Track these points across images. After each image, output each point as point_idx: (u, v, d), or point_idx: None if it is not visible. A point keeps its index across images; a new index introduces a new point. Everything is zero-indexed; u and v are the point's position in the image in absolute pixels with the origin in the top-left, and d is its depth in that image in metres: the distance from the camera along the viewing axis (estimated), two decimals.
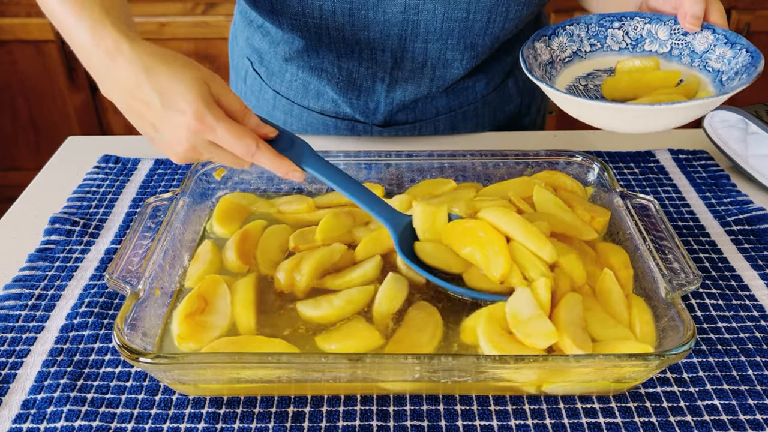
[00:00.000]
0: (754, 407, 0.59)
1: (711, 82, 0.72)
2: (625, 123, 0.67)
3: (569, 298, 0.62)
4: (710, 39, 0.73)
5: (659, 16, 0.75)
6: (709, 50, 0.73)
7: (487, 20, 0.82)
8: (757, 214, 0.82)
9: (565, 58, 0.77)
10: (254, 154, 0.62)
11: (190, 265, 0.70)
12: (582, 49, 0.77)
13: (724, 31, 0.72)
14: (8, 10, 1.93)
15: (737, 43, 0.71)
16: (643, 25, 0.76)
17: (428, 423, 0.58)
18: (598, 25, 0.77)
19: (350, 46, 0.86)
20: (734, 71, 0.70)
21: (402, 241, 0.67)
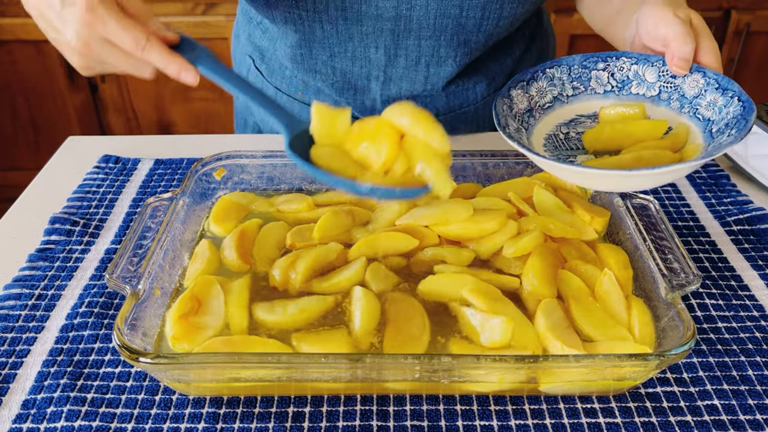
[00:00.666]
0: (754, 407, 0.59)
1: (701, 132, 0.67)
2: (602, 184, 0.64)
3: (544, 305, 0.63)
4: (701, 83, 0.68)
5: (647, 57, 0.71)
6: (700, 95, 0.68)
7: (481, 17, 0.82)
8: (757, 214, 0.82)
9: (545, 104, 0.72)
10: (144, 47, 0.59)
11: (188, 265, 0.70)
12: (564, 94, 0.73)
13: (716, 75, 0.67)
14: (8, 10, 1.93)
15: (729, 90, 0.66)
16: (630, 66, 0.72)
17: (428, 423, 0.58)
18: (581, 66, 0.72)
19: (343, 42, 0.86)
20: (725, 122, 0.65)
21: (295, 144, 0.62)
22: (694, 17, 0.68)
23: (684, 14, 0.68)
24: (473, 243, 0.72)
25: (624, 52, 0.72)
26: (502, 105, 0.69)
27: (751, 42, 1.99)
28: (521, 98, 0.71)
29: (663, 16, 0.67)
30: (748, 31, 1.95)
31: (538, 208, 0.76)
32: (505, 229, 0.72)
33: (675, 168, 0.58)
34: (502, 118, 0.67)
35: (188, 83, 0.62)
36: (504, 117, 0.68)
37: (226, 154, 0.80)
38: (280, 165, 0.82)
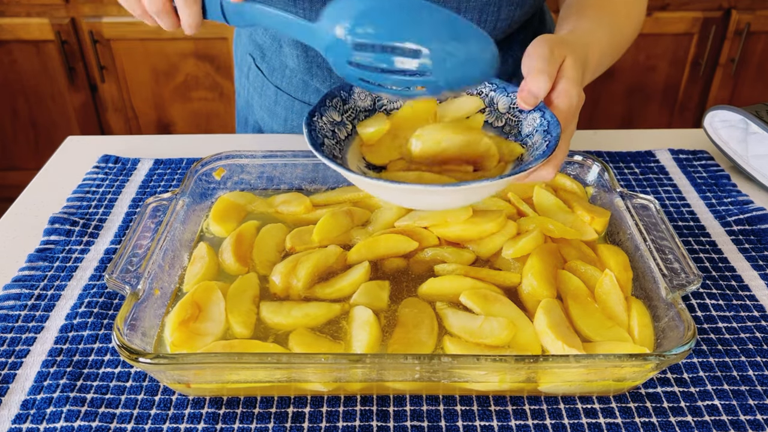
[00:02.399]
0: (755, 407, 0.59)
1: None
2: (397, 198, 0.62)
3: (544, 304, 0.62)
4: (536, 122, 0.65)
5: (506, 86, 0.69)
6: (530, 135, 0.66)
7: (478, 20, 0.82)
8: (758, 214, 0.82)
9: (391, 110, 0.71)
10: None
11: (187, 269, 0.69)
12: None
13: (552, 118, 0.63)
14: (8, 10, 1.93)
15: (549, 134, 0.62)
16: (489, 91, 0.70)
17: (428, 423, 0.58)
18: None
19: None
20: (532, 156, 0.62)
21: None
22: (568, 60, 0.64)
23: (559, 53, 0.64)
24: (473, 244, 0.72)
25: (494, 79, 0.70)
26: (334, 96, 0.68)
27: (751, 42, 1.99)
28: (364, 97, 0.70)
29: (539, 49, 0.64)
30: (748, 31, 1.95)
31: (538, 209, 0.76)
32: (504, 230, 0.72)
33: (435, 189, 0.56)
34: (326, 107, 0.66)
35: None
36: (328, 107, 0.66)
37: (226, 153, 0.80)
38: (280, 165, 0.81)
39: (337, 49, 0.57)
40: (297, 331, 0.62)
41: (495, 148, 0.66)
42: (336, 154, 0.65)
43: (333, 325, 0.63)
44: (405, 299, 0.66)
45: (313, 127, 0.64)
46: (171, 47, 1.99)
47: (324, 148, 0.63)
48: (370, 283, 0.67)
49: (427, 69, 0.56)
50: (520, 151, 0.66)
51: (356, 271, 0.68)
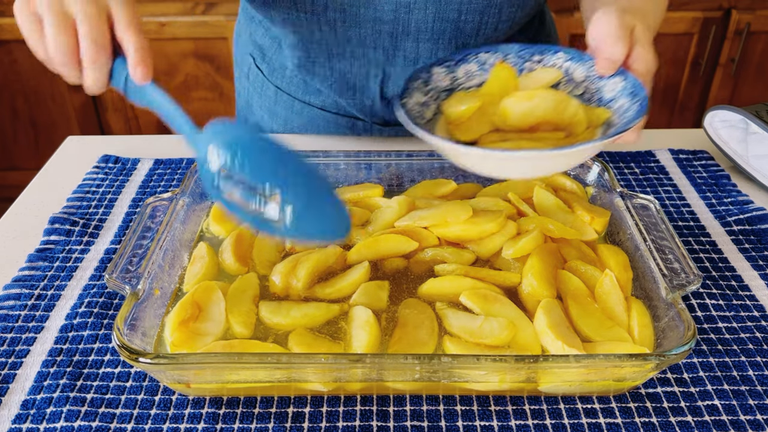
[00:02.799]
0: (755, 407, 0.59)
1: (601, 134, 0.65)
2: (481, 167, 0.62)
3: (545, 304, 0.62)
4: (619, 86, 0.66)
5: (581, 55, 0.69)
6: (614, 99, 0.66)
7: (479, 21, 0.82)
8: (758, 214, 0.82)
9: (470, 87, 0.71)
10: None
11: (187, 269, 0.69)
12: None
13: (634, 81, 0.64)
14: (8, 10, 1.93)
15: (637, 95, 0.63)
16: (563, 62, 0.70)
17: (428, 423, 0.58)
18: (517, 56, 0.70)
19: (342, 44, 0.86)
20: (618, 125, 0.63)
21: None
22: (638, 27, 0.66)
23: (629, 22, 0.66)
24: (473, 244, 0.71)
25: (562, 48, 0.70)
26: (417, 78, 0.68)
27: (751, 42, 1.99)
28: (443, 76, 0.70)
29: (607, 17, 0.65)
30: (748, 31, 1.95)
31: (538, 209, 0.76)
32: (504, 230, 0.72)
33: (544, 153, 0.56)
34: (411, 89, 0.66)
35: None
36: (412, 89, 0.67)
37: None
38: None
39: (206, 165, 0.59)
40: (296, 331, 0.62)
41: (583, 112, 0.66)
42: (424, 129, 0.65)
43: (332, 326, 0.63)
44: (405, 300, 0.66)
45: (406, 109, 0.65)
46: (171, 47, 1.99)
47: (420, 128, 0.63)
48: (370, 283, 0.67)
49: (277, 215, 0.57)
50: (607, 115, 0.66)
51: (356, 271, 0.68)
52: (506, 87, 0.69)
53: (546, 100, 0.66)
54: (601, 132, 0.65)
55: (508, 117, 0.67)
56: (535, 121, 0.66)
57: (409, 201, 0.76)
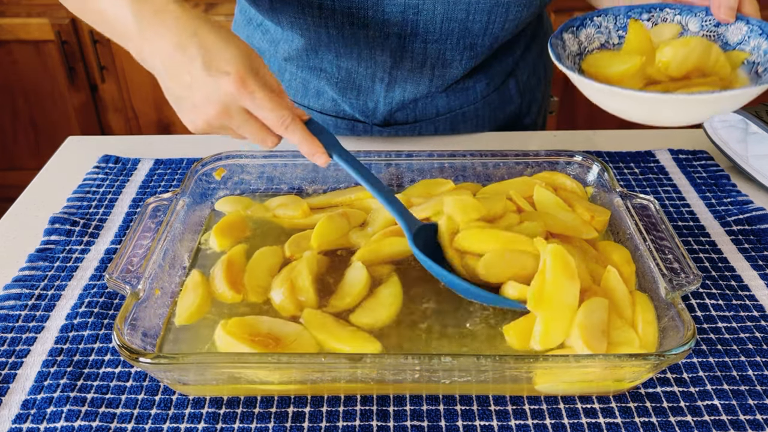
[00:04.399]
0: (755, 407, 0.59)
1: (746, 73, 0.69)
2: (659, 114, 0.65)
3: (592, 302, 0.62)
4: (744, 30, 0.70)
5: (690, 7, 0.73)
6: (743, 41, 0.70)
7: (487, 21, 0.82)
8: (758, 214, 0.82)
9: (593, 49, 0.74)
10: (288, 126, 0.62)
11: (179, 300, 0.66)
12: (610, 41, 0.75)
13: (759, 22, 0.69)
14: (8, 10, 1.93)
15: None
16: (673, 16, 0.73)
17: (428, 423, 0.58)
18: (626, 16, 0.74)
19: (349, 45, 0.86)
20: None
21: (417, 240, 0.67)
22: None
23: None
24: None
25: (667, 3, 0.74)
26: (557, 45, 0.71)
27: None
28: (572, 41, 0.73)
29: None
30: None
31: (538, 207, 0.76)
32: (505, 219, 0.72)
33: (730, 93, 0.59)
34: (558, 53, 0.69)
35: (319, 164, 0.66)
36: (559, 53, 0.69)
37: (226, 154, 0.80)
38: (280, 165, 0.82)
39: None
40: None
41: (724, 56, 0.68)
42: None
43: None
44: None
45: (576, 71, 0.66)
46: None
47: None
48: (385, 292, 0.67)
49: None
50: (745, 55, 0.69)
51: (357, 272, 0.68)
52: (645, 41, 0.71)
53: (699, 45, 0.68)
54: (744, 71, 0.68)
55: (668, 66, 0.68)
56: (690, 67, 0.68)
57: (405, 200, 0.76)
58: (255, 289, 0.67)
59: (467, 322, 0.63)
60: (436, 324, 0.64)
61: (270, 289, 0.67)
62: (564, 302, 0.60)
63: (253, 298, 0.66)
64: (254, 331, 0.61)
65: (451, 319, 0.64)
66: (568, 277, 0.61)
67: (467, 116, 0.98)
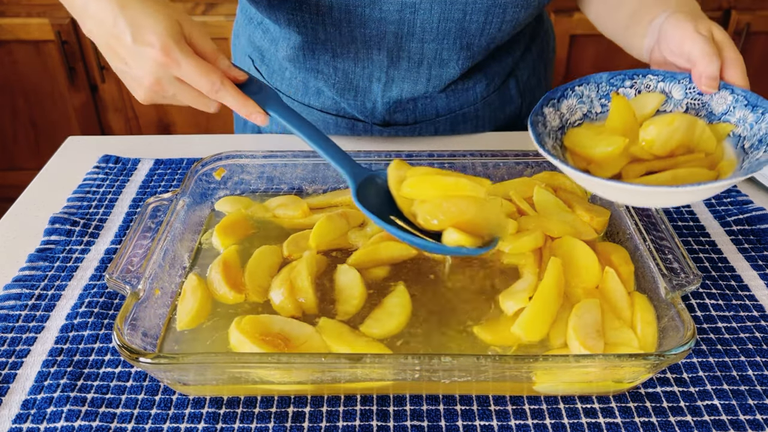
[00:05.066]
0: (754, 407, 0.59)
1: (732, 147, 0.67)
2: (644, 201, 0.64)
3: (583, 304, 0.62)
4: (729, 100, 0.68)
5: (673, 74, 0.71)
6: (728, 112, 0.68)
7: (484, 21, 0.82)
8: (757, 214, 0.82)
9: (575, 121, 0.72)
10: (218, 90, 0.63)
11: (178, 304, 0.65)
12: (593, 110, 0.73)
13: (744, 92, 0.67)
14: (8, 10, 1.93)
15: (759, 106, 0.66)
16: (656, 83, 0.72)
17: (428, 423, 0.58)
18: (609, 84, 0.72)
19: (346, 44, 0.86)
20: (758, 138, 0.64)
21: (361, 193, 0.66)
22: (715, 31, 0.68)
23: (706, 29, 0.68)
24: None
25: (650, 70, 0.72)
26: (537, 123, 0.69)
27: (751, 42, 1.99)
28: (553, 116, 0.71)
29: (687, 33, 0.67)
30: (748, 31, 1.95)
31: (538, 208, 0.76)
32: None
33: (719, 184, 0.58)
34: (539, 133, 0.67)
35: (258, 124, 0.66)
36: (540, 132, 0.68)
37: (226, 154, 0.80)
38: (280, 165, 0.82)
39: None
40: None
41: (709, 130, 0.67)
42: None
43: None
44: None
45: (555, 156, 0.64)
46: None
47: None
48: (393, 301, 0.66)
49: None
50: (731, 127, 0.67)
51: (350, 275, 0.68)
52: (629, 117, 0.69)
53: (683, 123, 0.67)
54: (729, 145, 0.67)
55: (651, 146, 0.67)
56: (674, 146, 0.67)
57: None
58: (256, 289, 0.67)
59: (468, 321, 0.64)
60: (440, 326, 0.64)
61: (270, 289, 0.67)
62: (550, 303, 0.63)
63: (255, 297, 0.66)
64: (266, 330, 0.61)
65: (452, 320, 0.64)
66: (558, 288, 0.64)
67: (467, 117, 0.98)
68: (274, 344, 0.59)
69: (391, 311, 0.65)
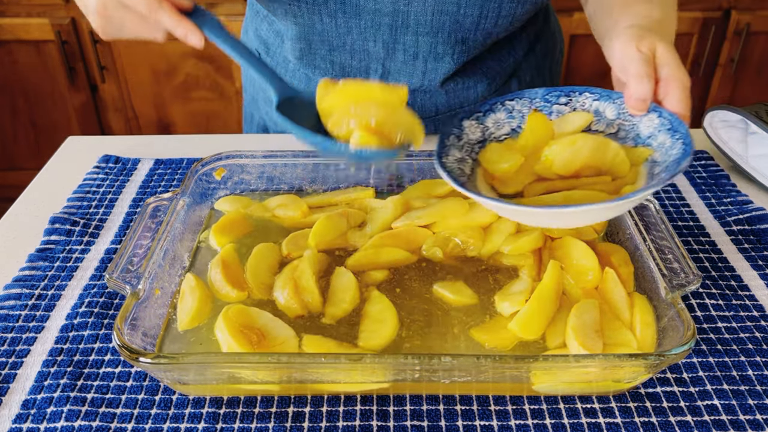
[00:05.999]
0: (754, 407, 0.59)
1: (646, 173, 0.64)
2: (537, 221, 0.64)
3: (582, 305, 0.62)
4: (656, 123, 0.65)
5: (609, 93, 0.69)
6: (652, 136, 0.65)
7: (479, 15, 0.82)
8: (757, 214, 0.82)
9: (500, 135, 0.71)
10: (156, 11, 0.64)
11: (178, 305, 0.65)
12: (522, 126, 0.71)
13: (670, 116, 0.64)
14: (8, 10, 1.93)
15: (678, 131, 0.63)
16: (592, 102, 0.70)
17: (428, 423, 0.58)
18: (544, 100, 0.71)
19: (342, 36, 0.86)
20: (666, 165, 0.62)
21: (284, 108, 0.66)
22: (659, 48, 0.65)
23: (648, 47, 0.65)
24: (473, 242, 0.72)
25: (587, 88, 0.71)
26: (450, 134, 0.68)
27: (751, 42, 1.99)
28: (474, 129, 0.70)
29: (627, 50, 0.65)
30: (748, 31, 1.95)
31: None
32: (503, 228, 0.72)
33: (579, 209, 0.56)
34: (446, 146, 0.67)
35: (194, 45, 0.67)
36: (448, 146, 0.67)
37: (226, 154, 0.80)
38: (280, 165, 0.82)
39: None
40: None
41: (624, 153, 0.65)
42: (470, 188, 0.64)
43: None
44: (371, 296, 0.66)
45: (447, 169, 0.64)
46: (171, 47, 1.99)
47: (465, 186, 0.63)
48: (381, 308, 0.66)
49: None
50: (648, 153, 0.65)
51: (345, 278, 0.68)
52: (543, 135, 0.69)
53: (587, 144, 0.66)
54: (645, 170, 0.65)
55: (551, 165, 0.66)
56: (578, 166, 0.66)
57: (403, 201, 0.76)
58: (259, 286, 0.67)
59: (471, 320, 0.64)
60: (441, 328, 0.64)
61: (273, 286, 0.67)
62: (548, 304, 0.63)
63: (258, 295, 0.67)
64: (248, 322, 0.61)
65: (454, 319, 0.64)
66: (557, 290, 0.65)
67: None
68: (248, 338, 0.59)
69: (378, 317, 0.64)
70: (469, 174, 0.68)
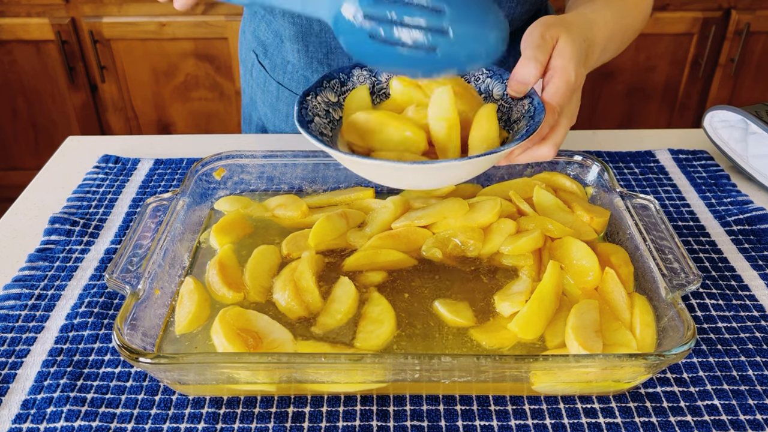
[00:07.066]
0: (754, 407, 0.59)
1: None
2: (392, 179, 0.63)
3: (582, 305, 0.62)
4: (525, 108, 0.65)
5: (502, 73, 0.69)
6: (518, 120, 0.66)
7: None
8: (757, 214, 0.82)
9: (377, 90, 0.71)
10: None
11: (176, 308, 0.65)
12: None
13: (539, 104, 0.63)
14: (8, 10, 1.93)
15: (533, 119, 0.63)
16: (485, 78, 0.70)
17: (428, 423, 0.58)
18: None
19: None
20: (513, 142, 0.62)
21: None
22: (562, 39, 0.63)
23: (552, 35, 0.64)
24: (473, 243, 0.72)
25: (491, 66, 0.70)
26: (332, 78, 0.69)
27: (751, 42, 1.99)
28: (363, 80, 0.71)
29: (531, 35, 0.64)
30: (748, 31, 1.95)
31: (538, 208, 0.76)
32: (504, 228, 0.72)
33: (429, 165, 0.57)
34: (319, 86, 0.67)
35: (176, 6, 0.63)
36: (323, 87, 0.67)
37: (226, 154, 0.80)
38: (280, 165, 0.82)
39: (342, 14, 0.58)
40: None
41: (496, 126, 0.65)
42: (325, 132, 0.66)
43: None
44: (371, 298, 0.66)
45: (305, 105, 0.66)
46: (171, 47, 1.99)
47: (312, 125, 0.64)
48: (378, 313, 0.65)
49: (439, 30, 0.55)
50: (504, 135, 0.66)
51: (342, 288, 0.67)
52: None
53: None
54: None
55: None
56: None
57: (403, 201, 0.76)
58: (257, 288, 0.67)
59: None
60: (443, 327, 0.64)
61: (271, 289, 0.67)
62: (547, 304, 0.63)
63: (256, 297, 0.66)
64: (246, 325, 0.61)
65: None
66: (556, 290, 0.65)
67: None
68: (244, 341, 0.59)
69: (377, 318, 0.64)
70: (337, 120, 0.68)
